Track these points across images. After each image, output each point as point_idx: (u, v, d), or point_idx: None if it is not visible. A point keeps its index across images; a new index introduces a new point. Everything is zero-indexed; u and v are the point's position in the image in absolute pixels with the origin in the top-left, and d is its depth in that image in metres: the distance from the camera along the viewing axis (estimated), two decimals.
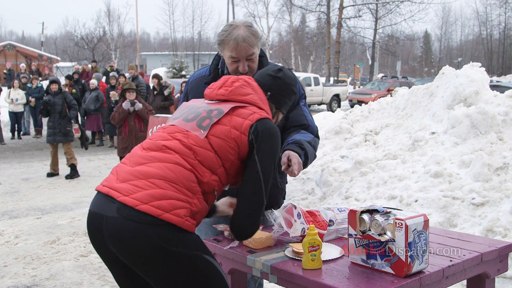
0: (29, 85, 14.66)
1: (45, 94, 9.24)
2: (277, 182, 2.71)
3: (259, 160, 1.97)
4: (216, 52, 2.72)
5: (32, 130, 15.38)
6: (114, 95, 11.50)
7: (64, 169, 9.16)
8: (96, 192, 1.97)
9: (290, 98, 2.26)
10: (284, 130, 2.66)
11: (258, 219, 1.98)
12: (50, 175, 8.99)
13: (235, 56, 2.45)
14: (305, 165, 2.43)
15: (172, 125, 2.07)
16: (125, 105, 7.82)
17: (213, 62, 2.69)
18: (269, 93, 2.18)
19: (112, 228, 1.82)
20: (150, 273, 1.86)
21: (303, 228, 2.22)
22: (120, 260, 1.89)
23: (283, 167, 2.36)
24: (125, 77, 12.98)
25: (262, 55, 2.64)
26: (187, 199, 1.87)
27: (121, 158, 7.40)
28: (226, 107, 2.04)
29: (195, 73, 2.83)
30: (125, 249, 1.82)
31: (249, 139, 1.98)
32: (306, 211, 2.37)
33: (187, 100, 2.69)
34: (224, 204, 2.27)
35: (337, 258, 2.06)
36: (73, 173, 8.89)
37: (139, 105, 7.85)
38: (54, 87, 8.79)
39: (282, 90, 2.22)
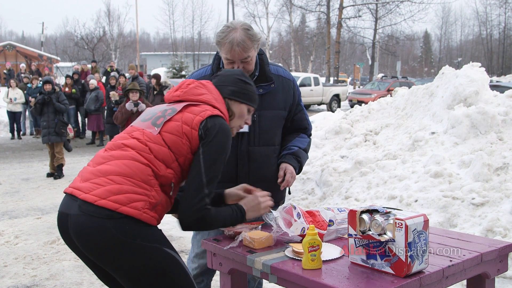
0: (29, 85, 14.66)
1: (38, 94, 9.19)
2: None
3: (203, 153, 2.05)
4: (216, 52, 2.73)
5: (28, 130, 15.37)
6: (114, 95, 11.50)
7: (64, 169, 9.12)
8: (64, 194, 2.08)
9: (236, 85, 2.28)
10: (288, 132, 2.82)
11: (196, 208, 2.00)
12: (50, 175, 8.95)
13: (230, 58, 2.50)
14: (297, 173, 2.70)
15: (131, 125, 2.19)
16: (129, 106, 7.82)
17: (214, 62, 2.70)
18: (213, 84, 2.28)
19: (75, 225, 1.93)
20: (112, 266, 1.95)
21: (303, 227, 2.22)
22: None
23: (278, 180, 2.60)
24: (125, 77, 12.98)
25: (262, 53, 2.66)
26: (144, 192, 1.96)
27: None
28: (180, 105, 2.15)
29: (194, 73, 2.83)
30: (87, 244, 1.92)
31: (199, 134, 2.06)
32: (306, 211, 2.37)
33: None
34: (236, 188, 2.35)
35: (337, 258, 2.06)
36: (60, 174, 8.89)
37: (142, 106, 7.85)
38: (48, 87, 8.80)
39: (222, 81, 2.29)
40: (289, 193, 2.86)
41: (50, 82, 8.93)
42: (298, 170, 2.71)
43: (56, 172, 8.86)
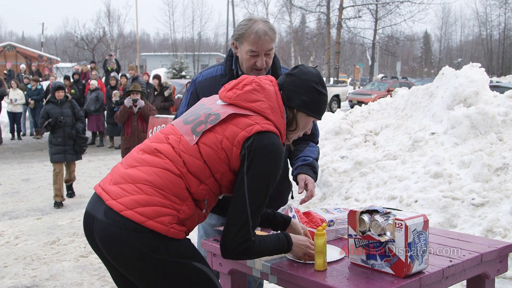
0: (29, 85, 14.66)
1: (44, 99, 8.23)
2: (289, 182, 2.80)
3: (247, 181, 1.82)
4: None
5: (28, 130, 15.37)
6: (115, 95, 11.50)
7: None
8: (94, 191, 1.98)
9: (310, 95, 1.98)
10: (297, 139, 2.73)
11: (240, 241, 1.82)
12: (58, 205, 6.97)
13: (255, 50, 2.42)
14: None
15: (172, 125, 2.01)
16: (127, 102, 7.83)
17: (226, 63, 2.62)
18: (281, 91, 1.99)
19: (100, 232, 1.83)
20: (137, 279, 1.86)
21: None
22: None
23: (299, 191, 2.53)
24: (126, 78, 12.99)
25: (274, 56, 2.63)
26: (173, 206, 1.81)
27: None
28: (225, 112, 1.89)
29: (203, 71, 2.74)
30: (112, 253, 1.83)
31: (241, 153, 1.83)
32: (303, 212, 2.38)
33: (197, 98, 2.59)
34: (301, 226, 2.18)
35: (340, 259, 2.07)
36: (72, 192, 7.59)
37: (141, 102, 7.86)
38: (60, 94, 7.13)
39: (295, 86, 1.98)
40: (292, 197, 2.85)
41: (62, 88, 7.26)
42: (315, 181, 2.68)
43: (68, 191, 7.51)
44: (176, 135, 1.91)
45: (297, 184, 2.61)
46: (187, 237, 1.91)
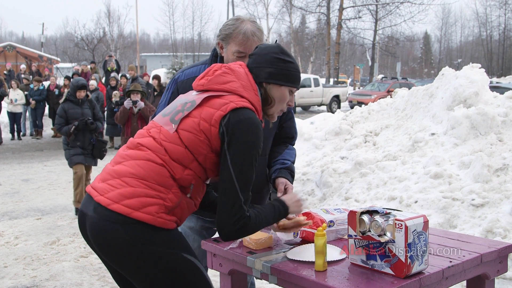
0: (31, 86, 14.67)
1: (59, 98, 7.44)
2: (269, 186, 2.71)
3: (230, 157, 1.85)
4: (213, 49, 2.56)
5: (28, 130, 15.38)
6: (115, 95, 11.51)
7: (65, 169, 9.07)
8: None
9: (273, 65, 2.01)
10: (275, 140, 2.68)
11: (235, 218, 1.84)
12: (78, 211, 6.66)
13: (243, 51, 2.36)
14: None
15: (152, 120, 2.05)
16: (127, 103, 7.84)
17: (210, 62, 2.53)
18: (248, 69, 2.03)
19: (91, 227, 1.87)
20: (127, 271, 1.89)
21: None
22: None
23: (278, 195, 2.44)
24: (126, 78, 13.00)
25: None
26: (159, 195, 1.84)
27: None
28: (200, 97, 1.94)
29: (185, 70, 2.62)
30: (103, 248, 1.86)
31: (220, 132, 1.86)
32: (302, 213, 2.37)
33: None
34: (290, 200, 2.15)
35: (339, 260, 2.07)
36: None
37: (140, 104, 7.86)
38: (82, 94, 6.57)
39: (258, 62, 2.02)
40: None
41: (85, 87, 6.68)
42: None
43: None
44: (156, 128, 1.96)
45: (274, 187, 2.54)
46: (178, 229, 1.94)
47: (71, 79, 8.31)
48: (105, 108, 12.82)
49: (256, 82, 2.01)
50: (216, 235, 2.63)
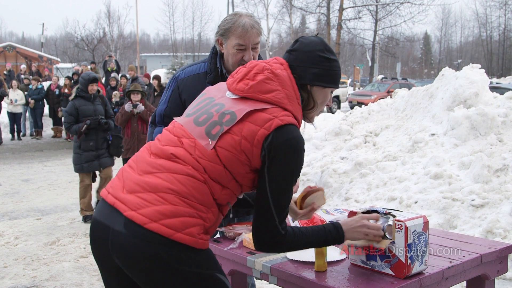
0: (30, 86, 14.68)
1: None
2: None
3: (269, 181, 1.72)
4: (212, 48, 2.59)
5: (28, 131, 15.39)
6: (115, 95, 11.50)
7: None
8: (101, 198, 1.82)
9: (319, 66, 1.83)
10: None
11: (269, 235, 1.74)
12: (89, 218, 6.11)
13: (243, 43, 2.39)
14: None
15: (181, 125, 1.83)
16: (127, 107, 7.83)
17: (211, 60, 2.56)
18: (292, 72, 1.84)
19: (120, 244, 1.67)
20: None
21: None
22: (122, 273, 1.76)
23: None
24: (126, 78, 13.00)
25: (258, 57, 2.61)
26: (200, 215, 1.69)
27: (123, 159, 7.36)
28: (241, 110, 1.74)
29: (185, 69, 2.65)
30: (133, 267, 1.69)
31: (262, 154, 1.71)
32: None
33: (179, 97, 2.57)
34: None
35: (340, 260, 2.07)
36: None
37: (141, 107, 7.86)
38: (94, 88, 6.09)
39: (302, 61, 1.83)
40: None
41: (97, 80, 6.22)
42: None
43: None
44: (189, 139, 1.76)
45: None
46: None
47: (81, 74, 7.43)
48: None
49: (298, 83, 1.83)
50: (217, 235, 2.63)
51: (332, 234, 1.82)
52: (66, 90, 13.99)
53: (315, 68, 1.82)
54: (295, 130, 1.75)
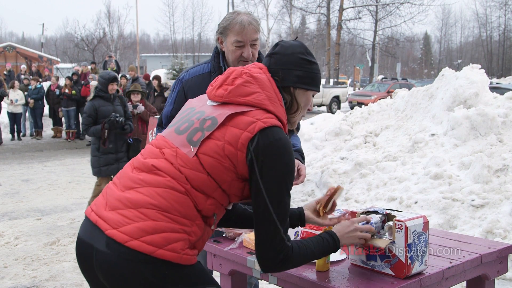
0: (30, 86, 14.68)
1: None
2: None
3: (265, 187, 1.64)
4: (215, 48, 2.64)
5: (28, 131, 15.39)
6: None
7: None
8: (85, 216, 1.76)
9: (301, 68, 1.80)
10: None
11: (276, 251, 1.67)
12: None
13: (241, 40, 2.45)
14: None
15: (163, 137, 1.79)
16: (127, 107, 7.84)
17: (214, 60, 2.62)
18: (272, 75, 1.80)
19: (103, 264, 1.63)
20: None
21: (297, 231, 2.23)
22: None
23: None
24: (126, 79, 13.00)
25: (259, 54, 2.62)
26: (183, 229, 1.62)
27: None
28: (222, 115, 1.69)
29: (189, 70, 2.70)
30: (118, 287, 1.64)
31: (248, 158, 1.64)
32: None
33: (185, 98, 2.56)
34: (310, 208, 1.98)
35: (341, 260, 2.07)
36: None
37: (141, 108, 7.86)
38: (114, 88, 5.92)
39: (284, 64, 1.79)
40: None
41: (117, 80, 6.07)
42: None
43: None
44: (171, 149, 1.71)
45: None
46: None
47: (100, 73, 7.31)
48: None
49: (280, 87, 1.79)
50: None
51: (329, 242, 1.80)
52: (66, 90, 14.01)
53: (297, 70, 1.79)
54: (280, 131, 1.68)
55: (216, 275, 2.98)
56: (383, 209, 1.97)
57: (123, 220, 1.62)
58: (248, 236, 2.23)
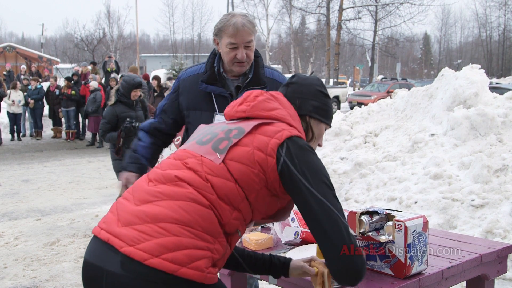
0: (29, 87, 14.68)
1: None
2: None
3: (314, 187, 1.55)
4: (213, 50, 2.70)
5: (28, 131, 15.38)
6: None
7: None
8: (93, 235, 1.60)
9: (318, 99, 1.80)
10: None
11: (357, 254, 1.52)
12: None
13: (235, 42, 2.46)
14: None
15: (184, 149, 1.70)
16: None
17: (208, 60, 2.67)
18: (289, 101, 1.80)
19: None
20: None
21: (296, 231, 2.23)
22: None
23: None
24: None
25: (258, 55, 2.64)
26: (207, 246, 1.50)
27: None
28: (249, 125, 1.66)
29: (187, 69, 2.78)
30: None
31: (280, 162, 1.57)
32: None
33: (177, 97, 2.69)
34: (297, 267, 1.83)
35: None
36: None
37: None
38: (137, 94, 5.72)
39: (301, 93, 1.80)
40: None
41: (142, 86, 5.81)
42: None
43: None
44: (195, 158, 1.62)
45: None
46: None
47: (123, 76, 7.07)
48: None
49: (298, 114, 1.77)
50: None
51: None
52: (65, 91, 14.01)
53: (314, 100, 1.80)
54: (304, 140, 1.67)
55: None
56: (383, 209, 1.97)
57: (140, 236, 1.47)
58: (248, 236, 2.23)
